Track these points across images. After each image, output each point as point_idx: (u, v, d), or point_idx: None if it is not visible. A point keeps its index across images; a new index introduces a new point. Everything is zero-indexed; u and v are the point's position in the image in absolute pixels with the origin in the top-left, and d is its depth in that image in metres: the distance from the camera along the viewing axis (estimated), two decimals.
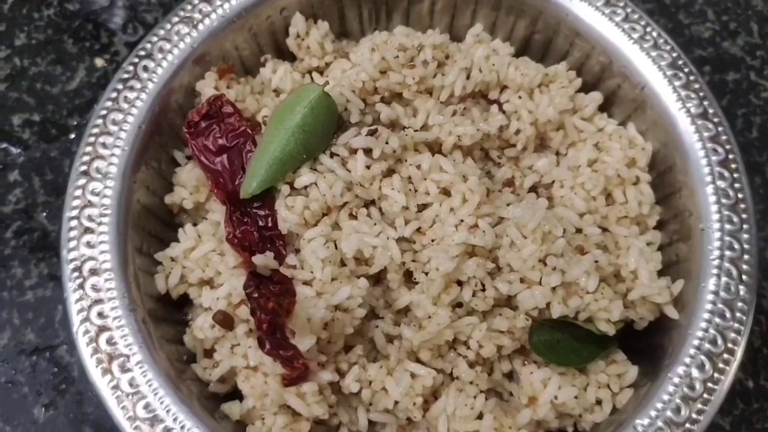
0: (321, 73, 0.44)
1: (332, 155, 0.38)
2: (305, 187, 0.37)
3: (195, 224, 0.40)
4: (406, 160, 0.38)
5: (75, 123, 0.51)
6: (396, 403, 0.35)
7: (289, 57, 0.45)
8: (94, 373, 0.33)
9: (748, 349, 0.42)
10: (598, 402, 0.36)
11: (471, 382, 0.36)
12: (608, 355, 0.37)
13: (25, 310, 0.46)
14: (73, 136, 0.51)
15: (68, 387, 0.45)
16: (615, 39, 0.42)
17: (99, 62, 0.53)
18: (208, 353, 0.38)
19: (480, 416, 0.35)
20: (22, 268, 0.47)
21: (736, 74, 0.55)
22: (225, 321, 0.36)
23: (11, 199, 0.49)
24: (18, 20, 0.55)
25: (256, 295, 0.33)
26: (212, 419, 0.34)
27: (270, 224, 0.37)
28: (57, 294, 0.47)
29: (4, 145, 0.51)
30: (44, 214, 0.49)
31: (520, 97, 0.42)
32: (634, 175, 0.40)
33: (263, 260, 0.35)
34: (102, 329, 0.34)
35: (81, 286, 0.35)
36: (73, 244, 0.36)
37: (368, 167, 0.37)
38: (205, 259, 0.38)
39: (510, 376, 0.37)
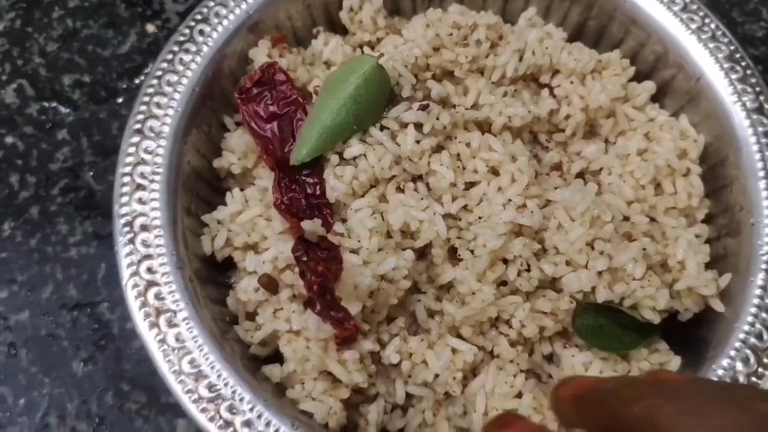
0: (372, 47, 0.44)
1: (382, 128, 0.38)
2: (354, 158, 0.37)
3: (242, 189, 0.40)
4: (455, 138, 0.39)
5: (124, 86, 0.52)
6: (436, 376, 0.35)
7: (340, 30, 0.45)
8: (142, 326, 0.34)
9: None
10: None
11: (511, 361, 0.36)
12: (651, 343, 0.37)
13: (68, 266, 0.47)
14: (121, 99, 0.52)
15: (107, 343, 0.46)
16: (672, 29, 0.42)
17: (150, 28, 0.54)
18: (250, 316, 0.38)
19: (519, 395, 0.36)
20: (67, 225, 0.48)
21: None
22: (270, 284, 0.36)
23: (59, 157, 0.50)
24: None
25: (305, 258, 0.34)
26: (254, 379, 0.35)
27: (318, 192, 0.37)
28: (100, 252, 0.48)
29: (54, 104, 0.52)
30: (91, 173, 0.50)
31: (571, 83, 0.42)
32: (684, 166, 0.40)
33: (311, 226, 0.35)
34: (150, 284, 0.35)
35: (131, 241, 0.35)
36: (125, 199, 0.36)
37: (418, 142, 0.37)
38: (251, 223, 0.38)
39: (550, 358, 0.37)
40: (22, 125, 0.51)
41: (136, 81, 0.52)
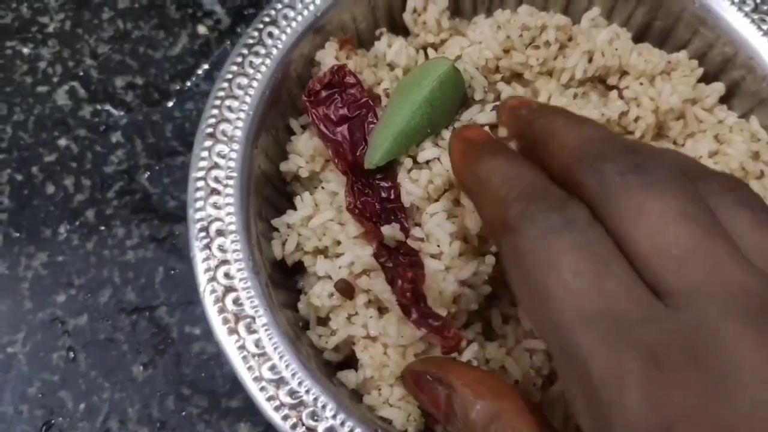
0: (435, 49, 0.43)
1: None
2: (428, 161, 0.37)
3: (309, 193, 0.40)
4: None
5: (177, 88, 0.52)
6: (516, 382, 0.35)
7: (402, 31, 0.45)
8: (221, 331, 0.34)
9: None
10: None
11: None
12: None
13: (126, 270, 0.47)
14: (174, 101, 0.52)
15: (166, 348, 0.45)
16: (743, 29, 0.41)
17: (201, 29, 0.54)
18: (322, 321, 0.38)
19: None
20: (124, 228, 0.48)
21: None
22: (346, 290, 0.36)
23: (113, 159, 0.50)
24: None
25: (390, 264, 0.33)
26: (332, 385, 0.34)
27: (393, 196, 0.37)
28: (157, 255, 0.47)
29: (107, 107, 0.51)
30: (146, 176, 0.49)
31: (641, 84, 0.41)
32: (758, 168, 0.39)
33: (391, 231, 0.35)
34: (228, 289, 0.34)
35: (208, 246, 0.35)
36: (199, 204, 0.36)
37: None
38: (323, 227, 0.38)
39: None
40: (75, 128, 0.51)
41: (188, 83, 0.52)
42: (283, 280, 0.39)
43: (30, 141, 0.50)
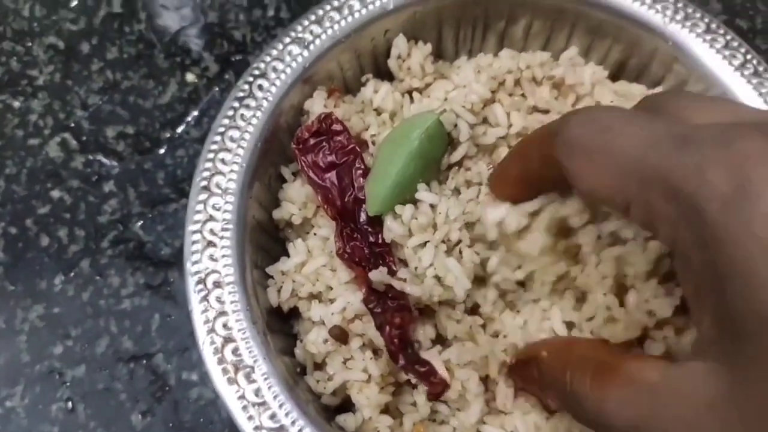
0: (420, 93, 0.45)
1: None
2: (415, 202, 0.38)
3: (303, 240, 0.41)
4: None
5: (168, 136, 0.53)
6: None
7: (387, 77, 0.46)
8: (221, 382, 0.34)
9: None
10: None
11: None
12: None
13: (122, 319, 0.48)
14: (165, 149, 0.52)
15: (164, 395, 0.46)
16: (715, 65, 0.43)
17: (190, 77, 0.55)
18: (318, 366, 0.38)
19: None
20: (119, 277, 0.49)
21: None
22: (341, 335, 0.36)
23: (106, 209, 0.51)
24: (109, 34, 0.56)
25: (379, 310, 0.34)
26: (331, 428, 0.35)
27: (380, 240, 0.38)
28: (153, 303, 0.48)
29: (99, 157, 0.52)
30: (139, 224, 0.50)
31: None
32: None
33: (379, 276, 0.36)
34: (227, 340, 0.35)
35: (205, 299, 0.36)
36: (196, 257, 0.37)
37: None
38: (316, 273, 0.39)
39: None
40: (67, 179, 0.51)
41: (179, 130, 0.53)
42: (280, 325, 0.40)
43: (23, 194, 0.51)
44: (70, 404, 0.46)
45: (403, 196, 0.38)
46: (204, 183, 0.38)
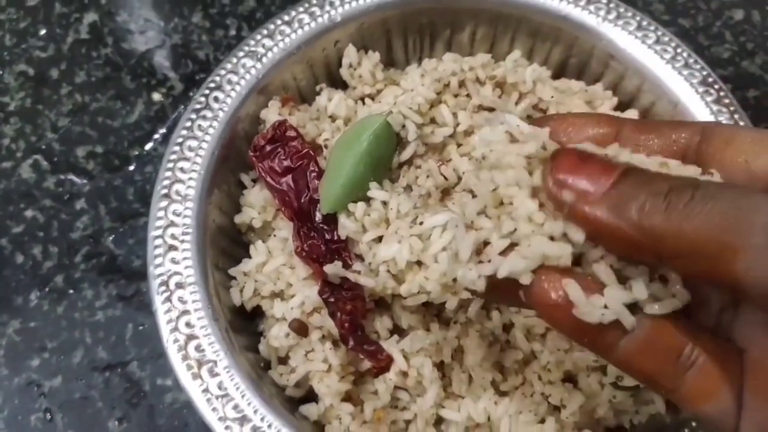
0: (372, 99, 0.47)
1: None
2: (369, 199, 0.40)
3: (263, 241, 0.43)
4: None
5: (136, 153, 0.55)
6: None
7: (341, 85, 0.49)
8: (185, 377, 0.36)
9: None
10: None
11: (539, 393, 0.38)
12: None
13: (96, 330, 0.49)
14: (134, 166, 0.54)
15: (140, 401, 0.47)
16: (647, 60, 0.45)
17: (156, 96, 0.57)
18: (282, 360, 0.40)
19: (542, 421, 0.38)
20: (92, 290, 0.50)
21: (756, 91, 0.58)
22: (300, 328, 0.38)
23: (79, 225, 0.52)
24: (77, 59, 0.59)
25: (332, 299, 0.36)
26: (294, 419, 0.36)
27: (336, 237, 0.40)
28: (126, 313, 0.49)
29: (70, 176, 0.54)
30: (110, 238, 0.52)
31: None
32: None
33: (333, 269, 0.37)
34: (190, 338, 0.37)
35: (168, 299, 0.37)
36: (159, 260, 0.38)
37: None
38: (276, 272, 0.41)
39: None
40: (40, 198, 0.53)
41: (147, 147, 0.55)
42: (244, 325, 0.41)
43: None
44: (48, 414, 0.47)
45: (355, 194, 0.40)
46: (164, 191, 0.40)
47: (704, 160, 0.28)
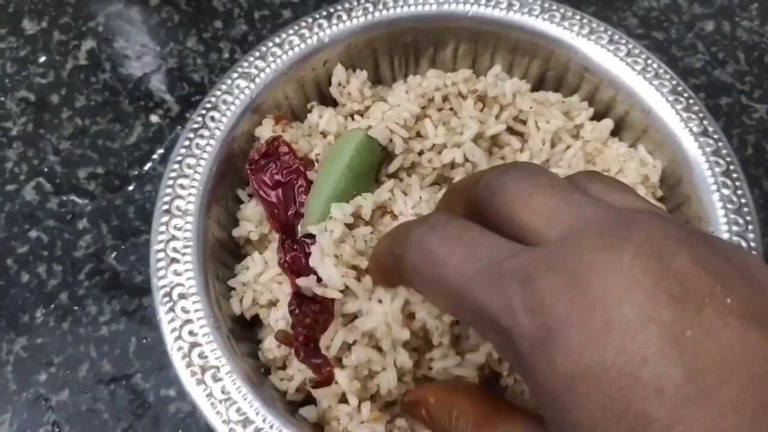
0: (361, 115, 0.49)
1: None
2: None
3: (258, 252, 0.45)
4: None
5: (136, 173, 0.57)
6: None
7: (331, 102, 0.51)
8: (189, 383, 0.38)
9: None
10: None
11: None
12: None
13: (101, 344, 0.51)
14: (134, 185, 0.56)
15: (144, 411, 0.49)
16: (620, 72, 0.48)
17: (154, 118, 0.59)
18: (281, 367, 0.42)
19: None
20: (96, 306, 0.52)
21: (729, 98, 0.61)
22: (286, 339, 0.40)
23: (81, 244, 0.54)
24: (76, 85, 0.61)
25: (297, 312, 0.38)
26: (295, 420, 0.38)
27: None
28: (129, 327, 0.51)
29: (72, 197, 0.56)
30: (113, 256, 0.54)
31: (547, 122, 0.47)
32: (649, 190, 0.46)
33: (306, 282, 0.39)
34: (194, 345, 0.39)
35: (172, 309, 0.39)
36: (161, 273, 0.40)
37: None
38: (271, 282, 0.43)
39: None
40: (44, 219, 0.55)
41: (146, 167, 0.57)
42: (245, 333, 0.43)
43: (2, 236, 0.54)
44: (56, 428, 0.49)
45: None
46: (165, 207, 0.42)
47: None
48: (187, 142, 0.44)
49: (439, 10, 0.49)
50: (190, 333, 0.39)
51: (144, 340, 0.51)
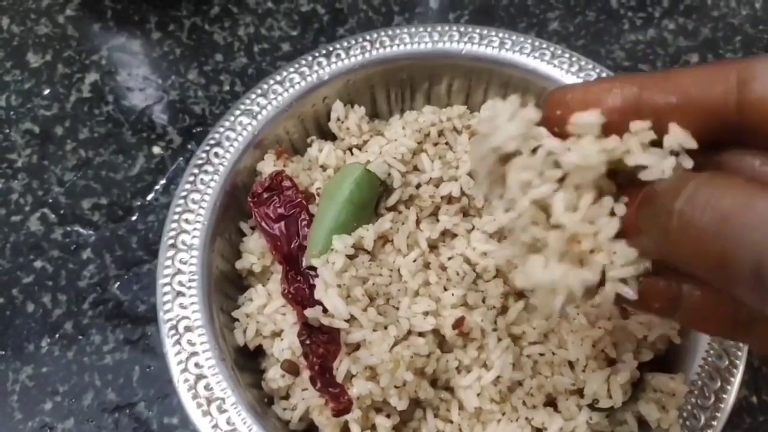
0: (360, 149, 0.51)
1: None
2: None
3: (263, 285, 0.46)
4: None
5: (138, 204, 0.58)
6: None
7: (330, 137, 0.53)
8: (195, 414, 0.39)
9: (748, 368, 0.48)
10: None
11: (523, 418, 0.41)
12: None
13: (105, 373, 0.52)
14: (136, 216, 0.58)
15: None
16: None
17: (156, 150, 0.61)
18: (284, 396, 0.43)
19: None
20: (100, 335, 0.53)
21: None
22: (291, 368, 0.42)
23: (85, 274, 0.56)
24: (80, 117, 0.62)
25: (308, 342, 0.40)
26: None
27: None
28: (133, 356, 0.52)
29: (76, 228, 0.57)
30: (116, 285, 0.55)
31: None
32: None
33: (313, 313, 0.40)
34: (199, 377, 0.40)
35: (178, 342, 0.41)
36: (168, 306, 0.42)
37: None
38: (275, 313, 0.44)
39: None
40: (48, 250, 0.56)
41: (148, 198, 0.59)
42: (248, 363, 0.45)
43: (8, 266, 0.55)
44: None
45: None
46: (171, 241, 0.43)
47: (750, 111, 0.24)
48: (191, 177, 0.46)
49: (434, 48, 0.51)
50: (196, 365, 0.40)
51: (148, 369, 0.52)
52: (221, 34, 0.66)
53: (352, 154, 0.51)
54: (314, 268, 0.42)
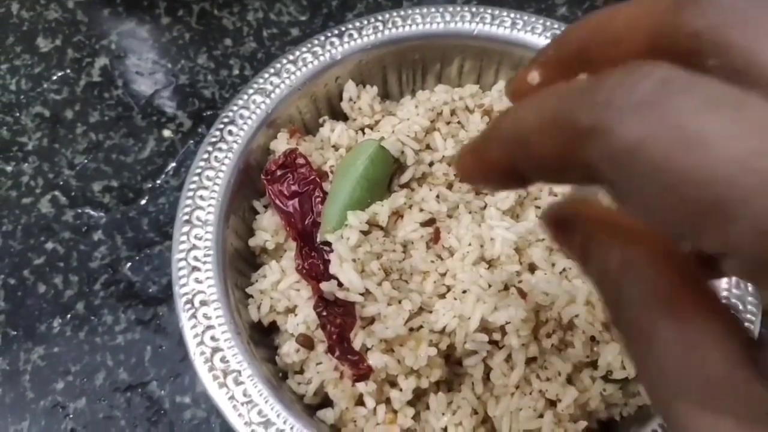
0: (371, 129, 0.51)
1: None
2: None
3: (275, 261, 0.46)
4: None
5: (149, 186, 0.58)
6: None
7: (342, 117, 0.53)
8: (212, 387, 0.39)
9: None
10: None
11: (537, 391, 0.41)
12: None
13: (117, 353, 0.52)
14: (147, 198, 0.58)
15: (160, 418, 0.50)
16: None
17: (166, 133, 0.61)
18: (299, 371, 0.43)
19: (541, 415, 0.41)
20: (112, 315, 0.53)
21: None
22: (306, 342, 0.42)
23: (97, 255, 0.56)
24: (90, 101, 0.62)
25: (325, 313, 0.40)
26: (314, 422, 0.40)
27: None
28: (144, 336, 0.53)
29: (87, 210, 0.57)
30: (128, 266, 0.55)
31: None
32: None
33: (329, 287, 0.41)
34: (215, 350, 0.40)
35: (194, 315, 0.41)
36: (183, 281, 0.42)
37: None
38: (289, 290, 0.44)
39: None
40: (59, 231, 0.56)
41: (158, 181, 0.59)
42: (262, 338, 0.45)
43: (19, 248, 0.56)
44: None
45: None
46: (186, 217, 0.44)
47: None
48: (206, 155, 0.46)
49: (445, 28, 0.51)
50: (212, 338, 0.40)
51: (159, 349, 0.52)
52: (230, 19, 0.66)
53: (363, 134, 0.51)
54: (329, 244, 0.42)
